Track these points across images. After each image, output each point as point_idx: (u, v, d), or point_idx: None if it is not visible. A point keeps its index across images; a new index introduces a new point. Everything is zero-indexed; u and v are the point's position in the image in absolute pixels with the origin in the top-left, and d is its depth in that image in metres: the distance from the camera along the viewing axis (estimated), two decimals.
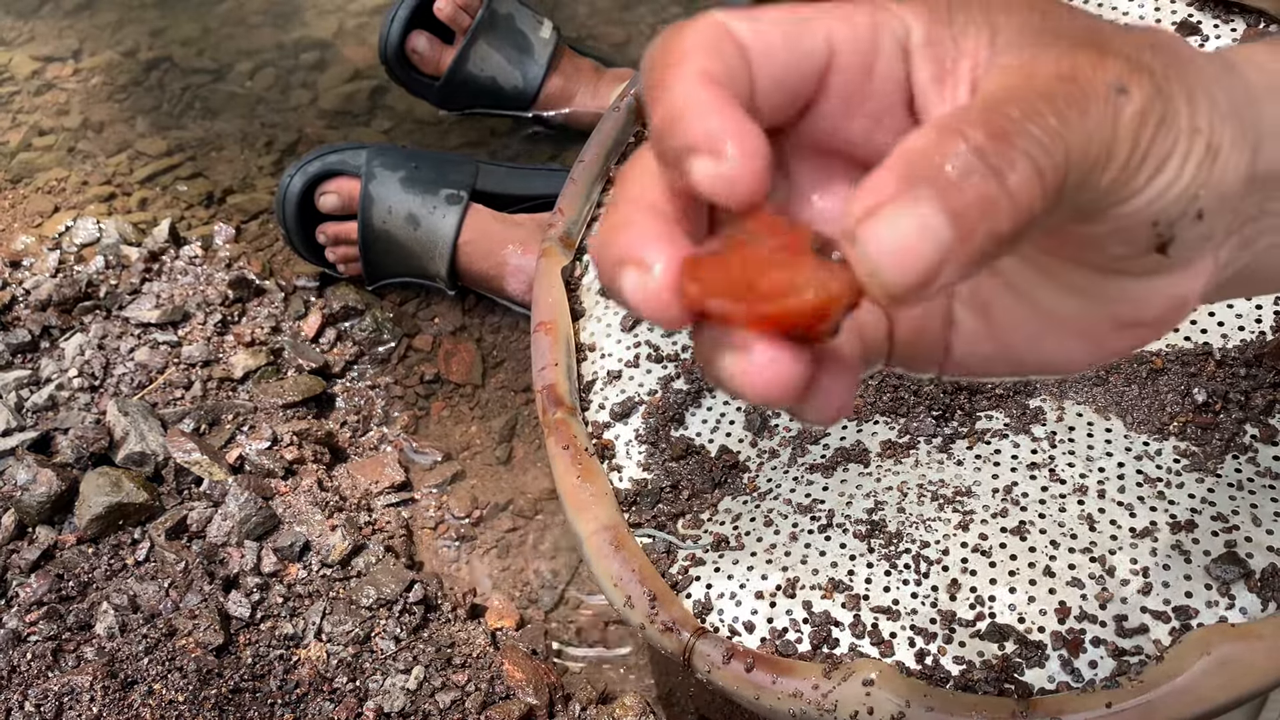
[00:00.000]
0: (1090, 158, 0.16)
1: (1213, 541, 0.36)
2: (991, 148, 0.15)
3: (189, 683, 0.52)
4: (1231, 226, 0.19)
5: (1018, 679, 0.35)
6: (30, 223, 0.81)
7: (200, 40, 0.95)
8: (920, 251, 0.15)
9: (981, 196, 0.15)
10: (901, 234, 0.15)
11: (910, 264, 0.15)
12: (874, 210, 0.15)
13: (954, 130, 0.15)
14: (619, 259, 0.17)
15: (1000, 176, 0.15)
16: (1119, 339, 0.20)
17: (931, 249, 0.15)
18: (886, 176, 0.15)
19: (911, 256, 0.15)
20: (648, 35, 0.89)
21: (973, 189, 0.15)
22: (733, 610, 0.38)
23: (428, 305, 0.75)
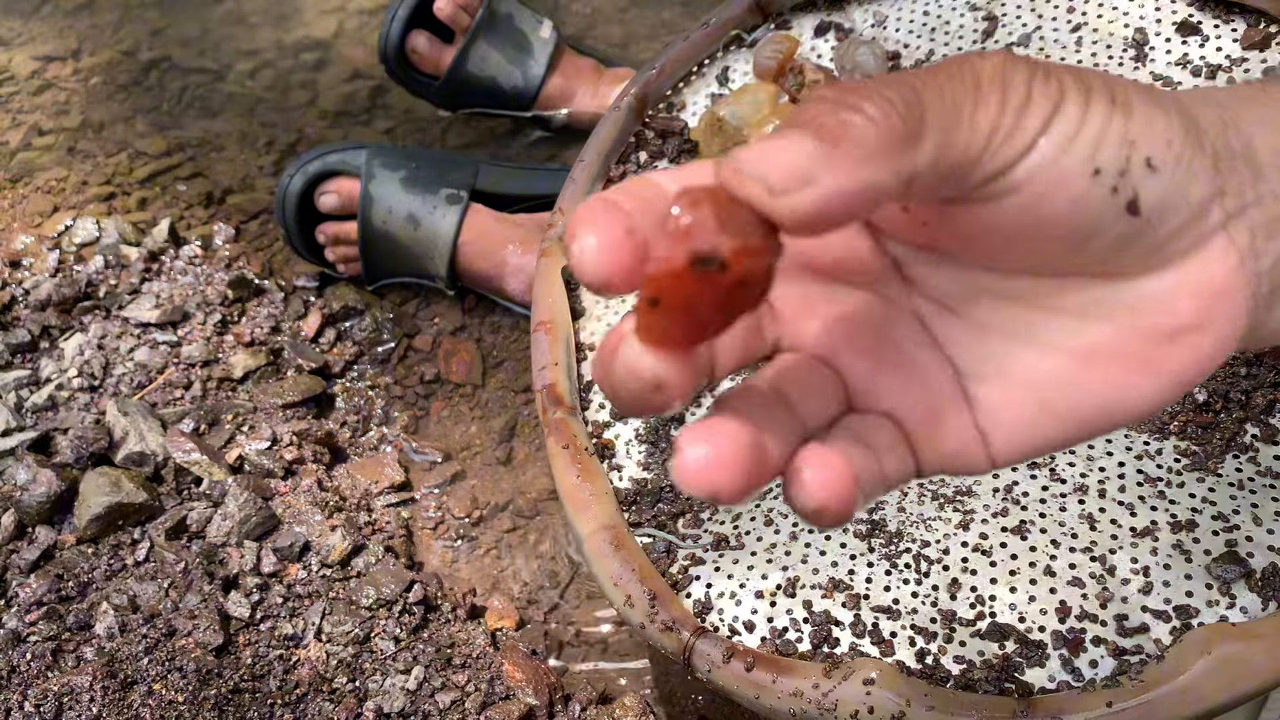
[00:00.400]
0: (948, 94, 0.17)
1: (1213, 541, 0.36)
2: (841, 93, 0.17)
3: (189, 683, 0.52)
4: (1226, 205, 0.18)
5: (1018, 678, 0.34)
6: (30, 222, 0.81)
7: (200, 40, 0.95)
8: (788, 152, 0.16)
9: (841, 121, 0.16)
10: (774, 150, 0.16)
11: (780, 162, 0.16)
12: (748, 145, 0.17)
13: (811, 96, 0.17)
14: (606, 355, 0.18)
15: (855, 109, 0.16)
16: (1172, 354, 0.18)
17: (797, 149, 0.16)
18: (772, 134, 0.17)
19: (781, 157, 0.16)
20: (647, 35, 0.89)
21: (831, 117, 0.16)
22: (733, 609, 0.38)
23: (427, 305, 0.75)
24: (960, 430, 0.20)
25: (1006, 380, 0.19)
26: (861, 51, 0.50)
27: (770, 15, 0.54)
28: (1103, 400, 0.19)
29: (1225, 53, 0.46)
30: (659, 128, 0.54)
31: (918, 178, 0.16)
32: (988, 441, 0.20)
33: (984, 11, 0.51)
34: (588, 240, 0.17)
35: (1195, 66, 0.46)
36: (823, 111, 0.16)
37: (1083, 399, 0.19)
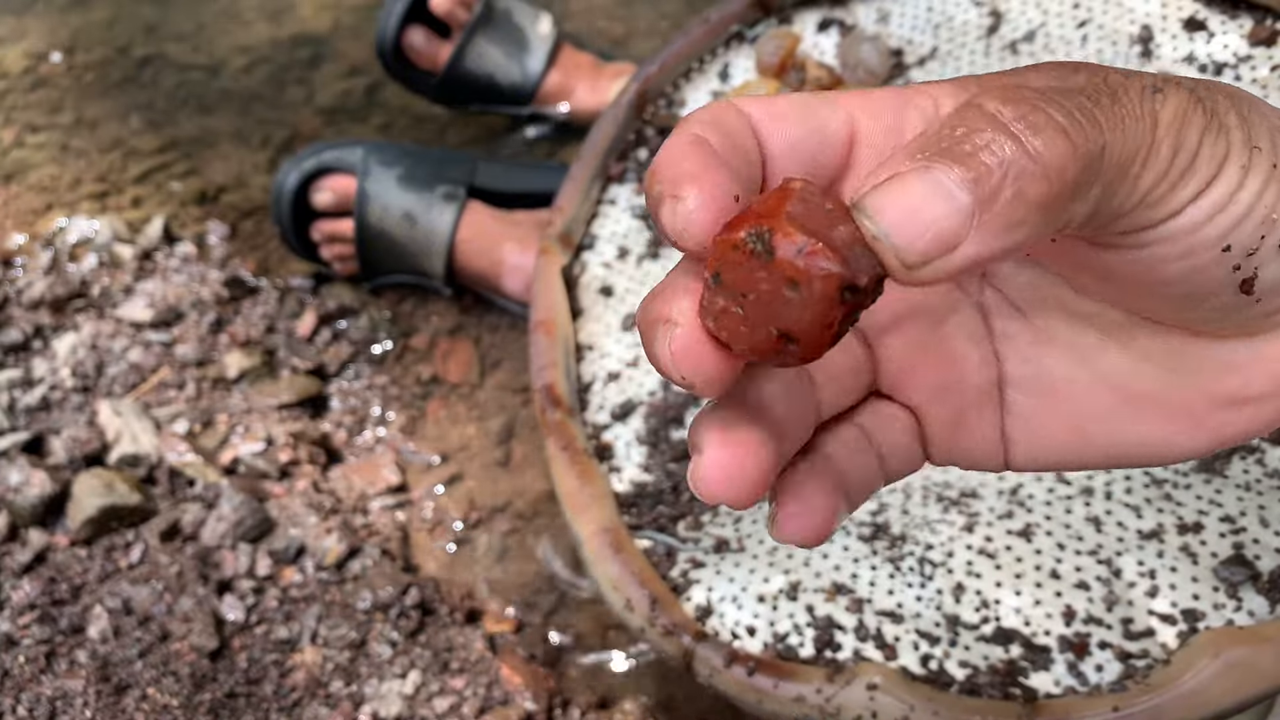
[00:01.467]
0: (1127, 146, 0.15)
1: (1220, 543, 0.36)
2: (1011, 113, 0.14)
3: (183, 687, 0.51)
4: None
5: (1023, 683, 0.34)
6: (22, 221, 0.80)
7: (194, 36, 0.94)
8: (934, 213, 0.14)
9: (1003, 160, 0.14)
10: (912, 194, 0.14)
11: (923, 226, 0.14)
12: (883, 180, 0.14)
13: (967, 104, 0.14)
14: (650, 321, 0.16)
15: (1022, 140, 0.14)
16: (1229, 419, 0.18)
17: (946, 210, 0.14)
18: (897, 155, 0.14)
19: (925, 218, 0.14)
20: (646, 30, 0.88)
21: (992, 154, 0.14)
22: (734, 613, 0.38)
23: (424, 304, 0.75)
24: (984, 431, 0.19)
25: (1051, 397, 0.19)
26: (865, 48, 0.50)
27: (772, 11, 0.54)
28: (1139, 443, 0.18)
29: (1231, 49, 0.46)
30: (659, 124, 0.54)
31: (1065, 228, 0.15)
32: (1009, 448, 0.19)
33: (988, 7, 0.51)
34: (688, 200, 0.15)
35: (1201, 63, 0.46)
36: (985, 143, 0.14)
37: (1121, 437, 0.18)
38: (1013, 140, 0.14)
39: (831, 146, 0.17)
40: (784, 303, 0.14)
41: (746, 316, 0.15)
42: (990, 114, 0.14)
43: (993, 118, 0.14)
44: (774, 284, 0.14)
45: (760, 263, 0.14)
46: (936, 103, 0.17)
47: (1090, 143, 0.14)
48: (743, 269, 0.15)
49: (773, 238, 0.14)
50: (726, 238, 0.15)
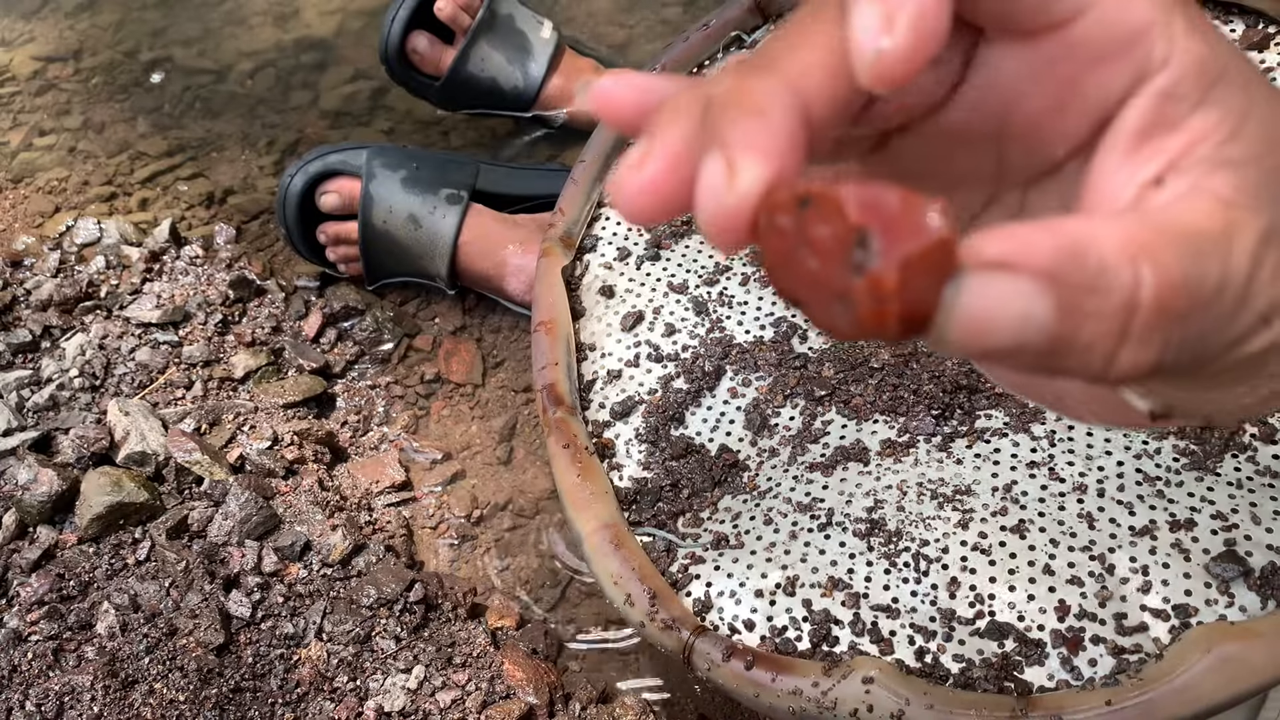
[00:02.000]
0: (1194, 362, 0.14)
1: (1212, 540, 0.36)
2: (1146, 316, 0.13)
3: (190, 682, 0.52)
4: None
5: (1017, 677, 0.35)
6: (31, 223, 0.81)
7: (201, 40, 0.95)
8: (999, 335, 0.13)
9: (1092, 343, 0.13)
10: (999, 310, 0.13)
11: (981, 337, 0.13)
12: (1003, 264, 0.13)
13: (1134, 254, 0.13)
14: (721, 140, 0.14)
15: (1123, 344, 0.13)
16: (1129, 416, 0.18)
17: (1009, 340, 0.13)
18: (1040, 242, 0.13)
19: (989, 333, 0.13)
20: (647, 35, 0.89)
21: (1092, 333, 0.13)
22: (733, 608, 0.38)
23: (428, 305, 0.75)
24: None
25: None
26: None
27: (770, 16, 0.55)
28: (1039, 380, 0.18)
29: None
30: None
31: None
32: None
33: None
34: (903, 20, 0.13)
35: None
36: (1106, 308, 0.13)
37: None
38: (1118, 338, 0.13)
39: (1045, 11, 0.15)
40: (825, 297, 0.14)
41: (791, 261, 0.14)
42: (1134, 301, 0.13)
43: (1130, 306, 0.13)
44: (836, 284, 0.13)
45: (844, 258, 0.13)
46: (1165, 58, 0.15)
47: (1163, 368, 0.14)
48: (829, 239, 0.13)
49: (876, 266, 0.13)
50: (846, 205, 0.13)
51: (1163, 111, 0.15)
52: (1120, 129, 0.15)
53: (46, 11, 0.99)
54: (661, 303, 0.49)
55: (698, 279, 0.50)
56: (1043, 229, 0.13)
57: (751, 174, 0.14)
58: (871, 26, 0.14)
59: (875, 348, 0.45)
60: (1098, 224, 0.14)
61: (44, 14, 0.98)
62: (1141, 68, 0.15)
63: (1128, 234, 0.13)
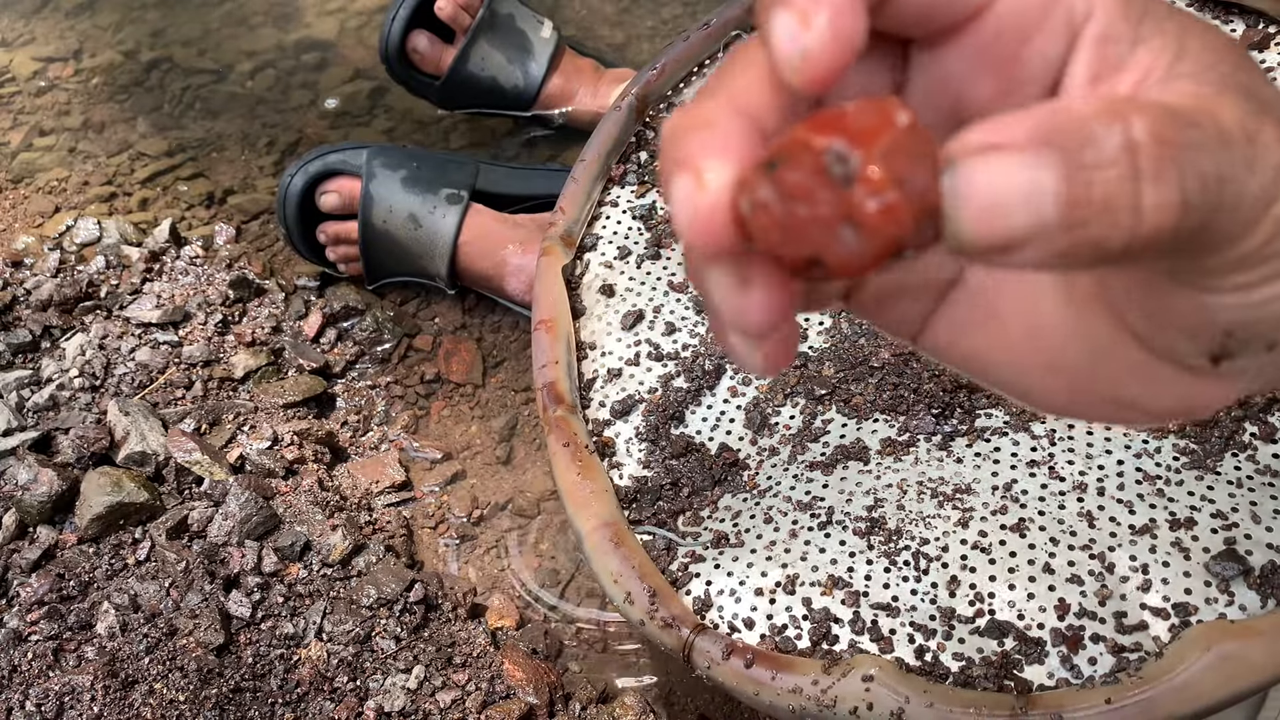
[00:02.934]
0: (1234, 222, 0.14)
1: (1212, 539, 0.36)
2: (1148, 150, 0.13)
3: (190, 682, 0.52)
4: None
5: (1017, 675, 0.35)
6: (31, 223, 0.81)
7: (201, 41, 0.95)
8: (1012, 215, 0.13)
9: (1109, 197, 0.13)
10: (1002, 186, 0.13)
11: (995, 221, 0.13)
12: (991, 148, 0.13)
13: (1121, 111, 0.13)
14: (680, 160, 0.14)
15: (1139, 186, 0.13)
16: (1105, 409, 0.18)
17: (1025, 219, 0.13)
18: (1020, 122, 0.13)
19: (1001, 215, 0.13)
20: (647, 36, 0.89)
21: (1105, 184, 0.13)
22: (732, 607, 0.38)
23: (428, 305, 0.75)
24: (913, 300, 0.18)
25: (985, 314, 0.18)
26: None
27: None
28: (1023, 384, 0.18)
29: None
30: (659, 128, 0.54)
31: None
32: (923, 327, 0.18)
33: None
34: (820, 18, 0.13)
35: None
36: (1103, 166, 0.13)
37: (1011, 372, 0.18)
38: (1131, 181, 0.13)
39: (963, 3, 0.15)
40: (832, 234, 0.13)
41: (786, 223, 0.13)
42: (1131, 141, 0.13)
43: (1130, 146, 0.13)
44: (833, 211, 0.13)
45: (829, 184, 0.13)
46: (1090, 9, 0.15)
47: (1198, 213, 0.13)
48: (807, 177, 0.13)
49: (859, 168, 0.13)
50: (805, 138, 0.13)
51: (1104, 55, 0.15)
52: (1072, 86, 0.16)
53: (46, 11, 0.99)
54: (662, 301, 0.49)
55: None
56: (1017, 113, 0.13)
57: (716, 172, 0.14)
58: (789, 30, 0.14)
59: (876, 346, 0.45)
60: (1067, 99, 0.14)
61: (44, 14, 0.98)
62: (1069, 24, 0.15)
63: (1103, 98, 0.14)
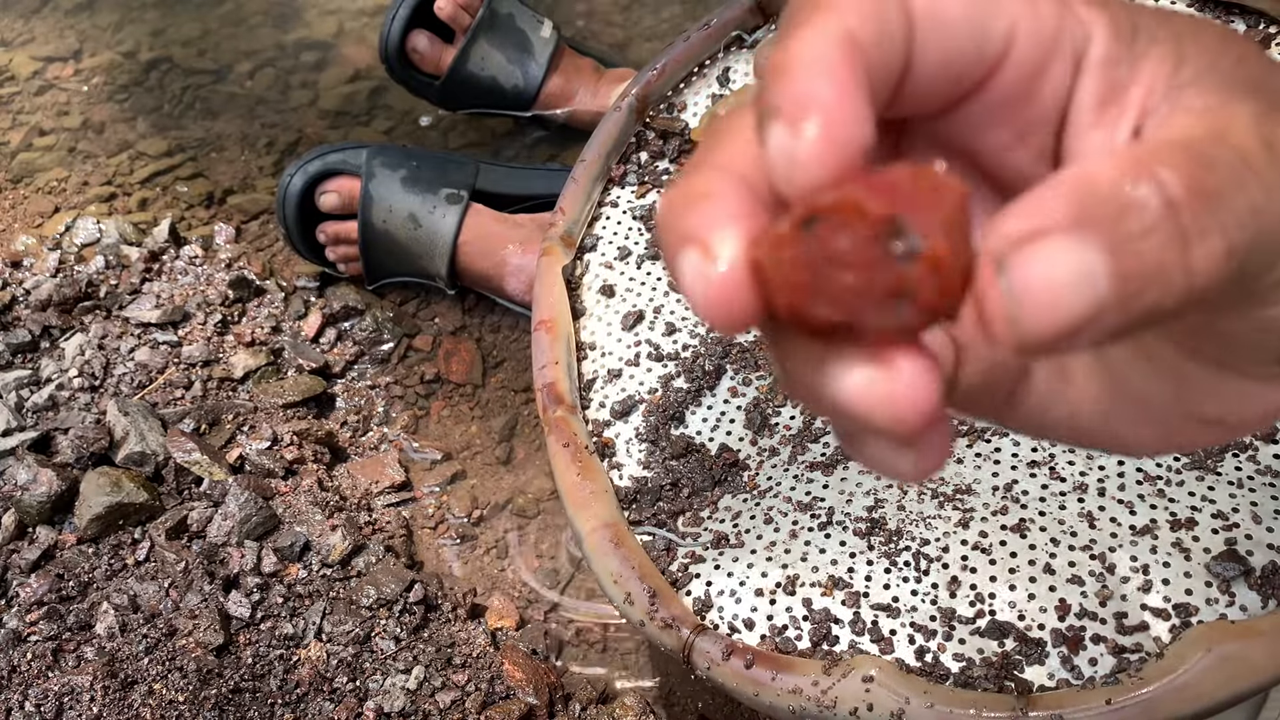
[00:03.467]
0: (1274, 245, 0.13)
1: (1213, 539, 0.36)
2: (1188, 205, 0.13)
3: (189, 683, 0.52)
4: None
5: (1018, 676, 0.35)
6: (30, 223, 0.81)
7: (200, 40, 0.95)
8: (1071, 303, 0.12)
9: (1159, 264, 0.12)
10: (1058, 277, 0.12)
11: (1055, 314, 0.12)
12: (1033, 237, 0.12)
13: (1147, 168, 0.13)
14: (684, 236, 0.14)
15: (1186, 245, 0.13)
16: (1194, 433, 0.18)
17: (1084, 304, 0.12)
18: (1056, 201, 0.13)
19: (1061, 306, 0.12)
20: (647, 35, 0.89)
21: (1152, 252, 0.12)
22: (732, 607, 0.38)
23: (428, 305, 0.75)
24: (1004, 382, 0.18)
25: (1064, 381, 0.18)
26: None
27: (771, 16, 0.55)
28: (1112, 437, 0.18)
29: None
30: (660, 128, 0.54)
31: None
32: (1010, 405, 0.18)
33: None
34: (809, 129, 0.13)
35: None
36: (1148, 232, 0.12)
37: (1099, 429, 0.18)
38: (1178, 241, 0.13)
39: (981, 65, 0.15)
40: (876, 300, 0.13)
41: (819, 286, 0.13)
42: (1169, 200, 0.13)
43: (1170, 205, 0.13)
44: (884, 281, 0.12)
45: (885, 252, 0.12)
46: (1087, 34, 0.15)
47: (1244, 255, 0.13)
48: (858, 243, 0.12)
49: (923, 244, 0.12)
50: (858, 201, 0.12)
51: (1109, 78, 0.15)
52: (1080, 112, 0.15)
53: (46, 11, 0.99)
54: (662, 302, 0.49)
55: None
56: (1045, 190, 0.13)
57: (726, 243, 0.13)
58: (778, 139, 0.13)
59: None
60: (1092, 165, 0.13)
61: (44, 14, 0.98)
62: (1074, 52, 0.15)
63: (1126, 159, 0.13)
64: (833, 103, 0.13)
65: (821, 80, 0.13)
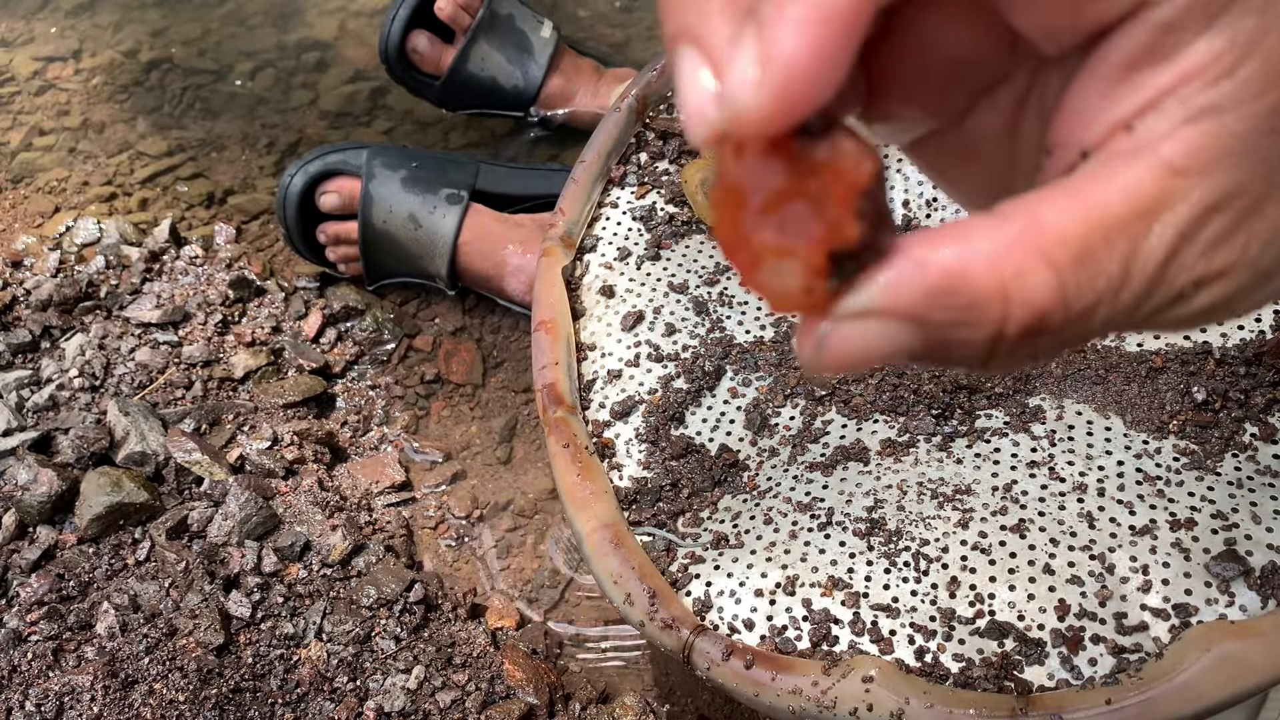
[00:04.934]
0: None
1: (1212, 539, 0.36)
2: (1011, 340, 0.14)
3: (189, 682, 0.52)
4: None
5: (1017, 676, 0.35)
6: (31, 223, 0.81)
7: (201, 40, 0.95)
8: (869, 359, 0.14)
9: (963, 354, 0.14)
10: (867, 342, 0.14)
11: (848, 366, 0.14)
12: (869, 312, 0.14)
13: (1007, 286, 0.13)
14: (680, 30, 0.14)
15: (992, 357, 0.14)
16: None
17: (878, 360, 0.14)
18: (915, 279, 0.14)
19: (856, 361, 0.14)
20: (647, 36, 0.89)
21: (960, 350, 0.14)
22: (732, 608, 0.38)
23: (428, 305, 0.75)
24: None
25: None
26: None
27: None
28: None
29: None
30: (660, 129, 0.54)
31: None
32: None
33: None
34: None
35: None
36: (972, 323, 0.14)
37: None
38: (986, 350, 0.14)
39: None
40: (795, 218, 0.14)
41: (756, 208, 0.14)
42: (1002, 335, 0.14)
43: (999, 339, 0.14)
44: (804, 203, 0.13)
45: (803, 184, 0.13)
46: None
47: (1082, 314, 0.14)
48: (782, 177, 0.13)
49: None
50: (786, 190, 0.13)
51: (1158, 42, 0.14)
52: (1110, 56, 0.14)
53: (46, 11, 0.99)
54: (662, 302, 0.49)
55: (698, 279, 0.50)
56: (916, 265, 0.14)
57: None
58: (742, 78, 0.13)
59: None
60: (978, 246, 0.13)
61: (44, 14, 0.98)
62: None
63: (1007, 257, 0.13)
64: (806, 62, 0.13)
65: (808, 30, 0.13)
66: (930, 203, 0.51)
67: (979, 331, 0.14)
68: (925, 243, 0.14)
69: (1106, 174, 0.14)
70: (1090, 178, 0.14)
